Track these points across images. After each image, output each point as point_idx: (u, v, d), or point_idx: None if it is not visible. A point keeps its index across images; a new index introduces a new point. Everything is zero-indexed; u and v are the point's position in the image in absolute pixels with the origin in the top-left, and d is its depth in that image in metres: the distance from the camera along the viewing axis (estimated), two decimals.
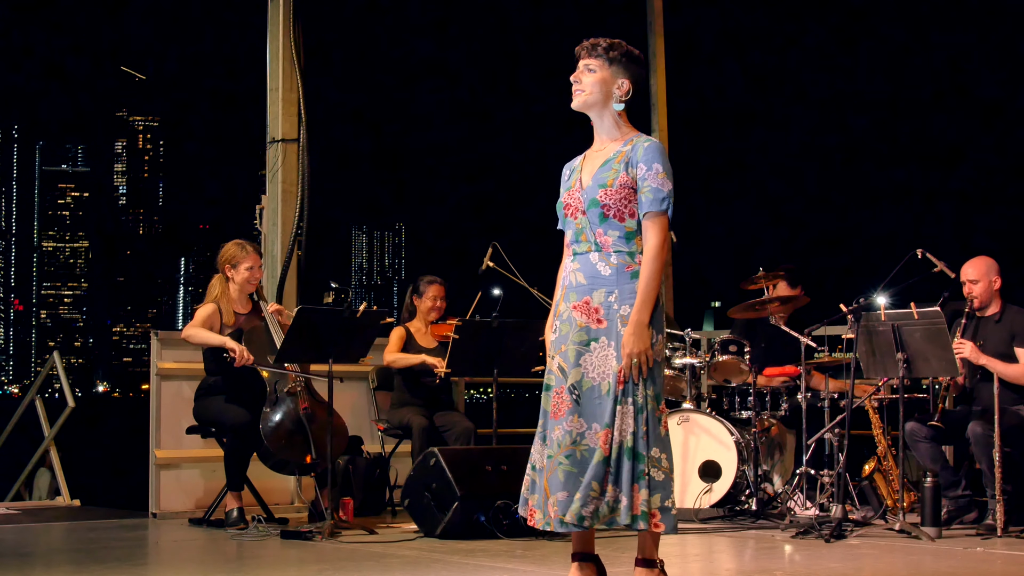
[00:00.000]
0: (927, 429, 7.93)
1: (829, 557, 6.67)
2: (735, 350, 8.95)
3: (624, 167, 5.09)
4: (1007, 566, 6.50)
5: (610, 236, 5.09)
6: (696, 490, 8.59)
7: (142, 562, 6.85)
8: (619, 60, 5.18)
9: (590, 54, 5.20)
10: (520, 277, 8.78)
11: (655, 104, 11.85)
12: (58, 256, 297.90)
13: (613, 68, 5.17)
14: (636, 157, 5.09)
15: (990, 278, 8.16)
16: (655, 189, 5.05)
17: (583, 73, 5.20)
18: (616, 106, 5.20)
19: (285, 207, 9.66)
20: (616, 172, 5.09)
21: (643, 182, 5.07)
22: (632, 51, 5.23)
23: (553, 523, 4.99)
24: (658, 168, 5.07)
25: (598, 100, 5.19)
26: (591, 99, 5.19)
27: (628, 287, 5.05)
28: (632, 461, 4.95)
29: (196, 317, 8.13)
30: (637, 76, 5.24)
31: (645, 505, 4.95)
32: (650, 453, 4.98)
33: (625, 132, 5.22)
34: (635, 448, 4.97)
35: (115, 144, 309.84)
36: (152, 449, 8.74)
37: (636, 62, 5.24)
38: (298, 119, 9.72)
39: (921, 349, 7.62)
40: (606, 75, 5.17)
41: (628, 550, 5.90)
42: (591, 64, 5.19)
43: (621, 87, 5.19)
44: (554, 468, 5.00)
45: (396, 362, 8.96)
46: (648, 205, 5.05)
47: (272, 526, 7.88)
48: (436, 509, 7.40)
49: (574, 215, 5.17)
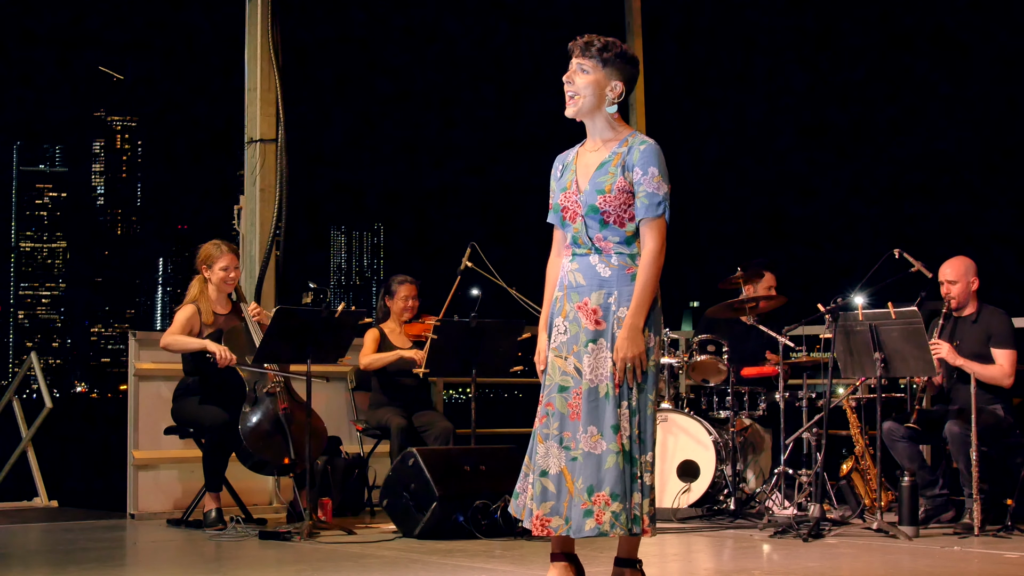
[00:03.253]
0: (904, 429, 7.96)
1: (807, 556, 6.69)
2: (713, 350, 8.97)
3: (621, 171, 5.06)
4: (984, 565, 6.52)
5: (610, 241, 5.07)
6: (675, 490, 8.60)
7: (120, 563, 6.84)
8: (613, 61, 5.11)
9: (584, 53, 5.12)
10: (498, 277, 8.78)
11: (633, 105, 11.84)
12: (36, 256, 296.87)
13: (607, 70, 5.11)
14: (632, 160, 5.06)
15: (968, 278, 8.18)
16: (651, 194, 5.03)
17: (576, 74, 5.12)
18: (609, 109, 5.15)
19: (263, 207, 9.63)
20: (613, 177, 5.06)
21: (639, 187, 5.04)
22: (627, 51, 5.15)
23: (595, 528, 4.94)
24: (654, 172, 5.04)
25: (592, 105, 5.13)
26: (585, 105, 5.13)
27: (627, 289, 5.03)
28: (628, 465, 4.96)
29: (175, 322, 8.10)
30: (630, 77, 5.16)
31: (638, 509, 4.96)
32: (643, 457, 4.99)
33: (619, 131, 5.18)
34: (631, 452, 4.97)
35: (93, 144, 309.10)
36: (130, 450, 8.72)
37: (630, 63, 5.16)
38: (276, 119, 9.70)
39: (898, 349, 7.64)
40: (599, 77, 5.11)
41: (606, 550, 5.90)
42: (584, 64, 5.12)
43: (614, 89, 5.12)
44: (581, 472, 4.98)
45: (373, 364, 8.95)
46: (645, 211, 5.03)
47: (251, 527, 7.86)
48: (415, 509, 7.39)
49: (572, 219, 5.13)
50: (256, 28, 9.71)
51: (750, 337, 9.28)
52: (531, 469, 5.09)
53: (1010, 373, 7.99)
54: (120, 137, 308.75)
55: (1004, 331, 8.08)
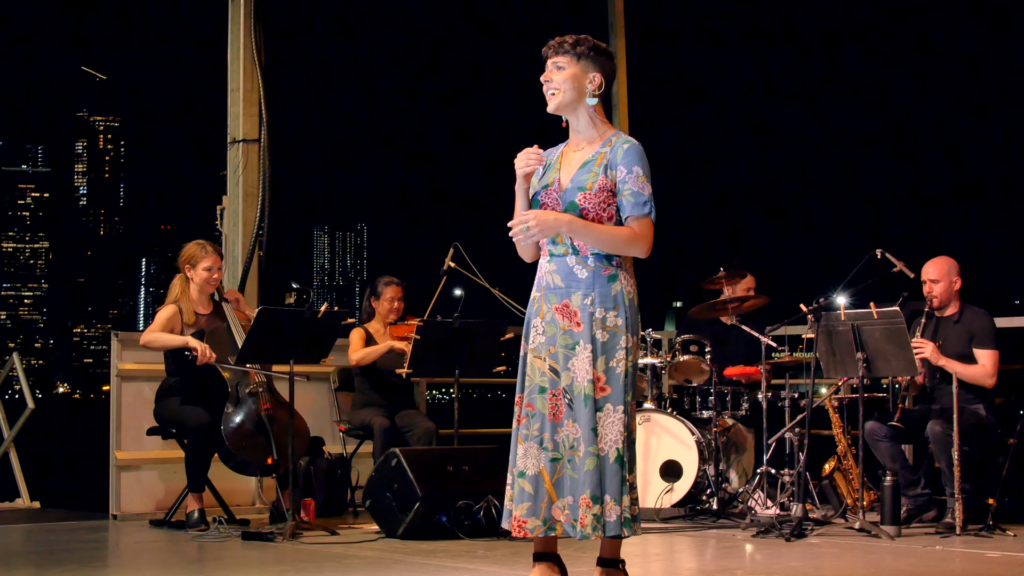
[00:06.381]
0: (887, 428, 7.97)
1: (789, 556, 6.70)
2: (696, 350, 8.99)
3: (603, 170, 5.07)
4: (965, 564, 6.54)
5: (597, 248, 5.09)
6: (657, 490, 8.61)
7: (102, 564, 6.82)
8: (587, 55, 5.14)
9: (557, 52, 5.15)
10: (481, 278, 8.78)
11: (616, 105, 11.86)
12: (18, 257, 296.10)
13: (583, 63, 5.14)
14: (615, 159, 5.07)
15: (951, 278, 8.21)
16: (636, 192, 5.04)
17: (553, 72, 5.15)
18: (590, 100, 5.16)
19: (246, 207, 9.61)
20: (595, 175, 5.06)
21: (623, 185, 5.05)
22: (599, 44, 5.18)
23: (564, 526, 4.96)
24: (638, 171, 5.05)
25: (572, 98, 5.15)
26: (565, 98, 5.15)
27: (605, 290, 5.04)
28: (620, 468, 4.97)
29: (156, 321, 8.09)
30: (607, 69, 5.19)
31: (628, 511, 4.97)
32: (629, 457, 5.00)
33: (602, 131, 5.19)
34: (622, 455, 4.98)
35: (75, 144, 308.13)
36: (112, 450, 8.70)
37: (605, 55, 5.19)
38: (259, 119, 9.68)
39: (881, 349, 7.66)
40: (576, 71, 5.13)
41: (589, 550, 5.90)
42: (559, 62, 5.14)
43: (593, 81, 5.15)
44: (563, 471, 4.98)
45: (365, 358, 8.92)
46: (631, 209, 5.04)
47: (233, 527, 7.86)
48: (398, 510, 7.39)
49: None
50: (239, 28, 9.69)
51: (732, 337, 9.31)
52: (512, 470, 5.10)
53: (992, 373, 8.01)
54: (103, 137, 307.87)
55: (987, 331, 8.11)
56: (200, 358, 7.88)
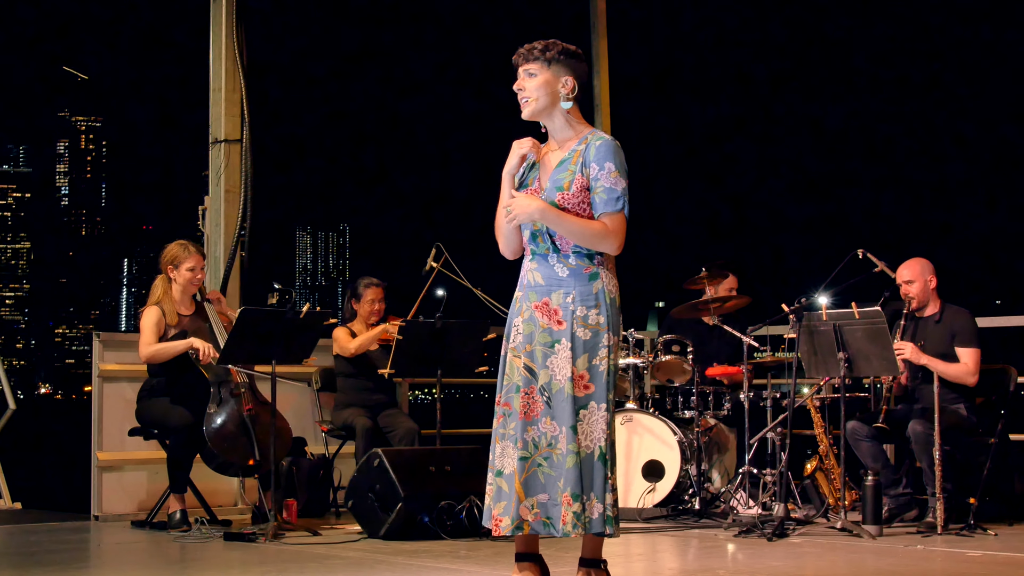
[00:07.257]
0: (868, 428, 7.99)
1: (771, 556, 6.71)
2: (678, 350, 9.00)
3: (580, 168, 5.08)
4: (947, 563, 6.55)
5: (568, 239, 5.10)
6: (639, 490, 8.61)
7: (84, 565, 6.81)
8: (557, 59, 5.14)
9: (527, 59, 5.16)
10: (464, 278, 8.78)
11: (599, 106, 11.86)
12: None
13: (554, 68, 5.14)
14: (589, 156, 5.08)
15: (925, 278, 8.23)
16: (609, 189, 5.05)
17: (525, 80, 5.16)
18: (564, 104, 5.16)
19: (228, 208, 9.60)
20: (572, 174, 5.07)
21: (596, 182, 5.06)
22: (568, 48, 5.18)
23: (533, 525, 4.97)
24: (610, 167, 5.06)
25: (546, 104, 5.16)
26: (539, 105, 5.16)
27: (586, 288, 5.06)
28: (603, 466, 4.97)
29: (145, 330, 8.04)
30: (580, 72, 5.19)
31: (611, 510, 4.98)
32: (611, 456, 5.01)
33: (579, 130, 5.19)
34: (605, 453, 4.99)
35: (57, 144, 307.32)
36: (94, 451, 8.68)
37: (575, 58, 5.19)
38: (241, 119, 9.67)
39: (862, 348, 7.68)
40: (548, 77, 5.14)
41: (571, 550, 5.91)
42: (530, 69, 5.15)
43: (566, 85, 5.15)
44: (532, 470, 4.98)
45: (361, 347, 8.89)
46: (603, 206, 5.05)
47: (215, 528, 7.85)
48: (380, 510, 7.39)
49: None
50: (221, 28, 9.68)
51: (714, 337, 9.33)
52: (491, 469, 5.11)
53: (975, 371, 8.03)
54: (84, 137, 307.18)
55: (968, 330, 8.13)
56: (203, 358, 7.89)
